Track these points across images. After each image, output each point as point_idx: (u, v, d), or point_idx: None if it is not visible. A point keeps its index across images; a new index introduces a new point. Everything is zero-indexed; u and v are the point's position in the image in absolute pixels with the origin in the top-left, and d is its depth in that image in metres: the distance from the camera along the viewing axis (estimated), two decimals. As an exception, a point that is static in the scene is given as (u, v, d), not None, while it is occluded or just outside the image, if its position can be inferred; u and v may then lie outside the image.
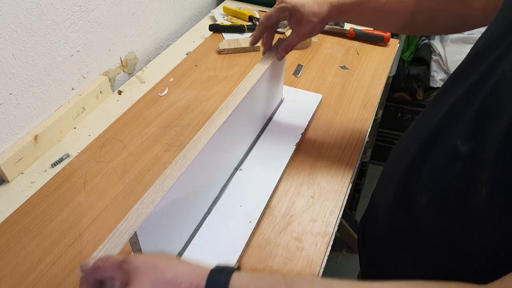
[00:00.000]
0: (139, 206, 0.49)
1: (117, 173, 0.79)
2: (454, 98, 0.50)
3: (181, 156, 0.56)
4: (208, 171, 0.65)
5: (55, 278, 0.63)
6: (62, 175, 0.79)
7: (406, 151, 0.58)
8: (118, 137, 0.87)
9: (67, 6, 0.84)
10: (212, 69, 1.08)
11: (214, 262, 0.63)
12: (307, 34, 0.72)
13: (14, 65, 0.76)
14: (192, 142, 0.58)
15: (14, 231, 0.69)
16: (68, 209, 0.73)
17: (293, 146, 0.82)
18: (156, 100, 0.98)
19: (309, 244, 0.67)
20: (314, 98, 0.95)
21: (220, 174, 0.73)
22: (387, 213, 0.62)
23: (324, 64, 1.09)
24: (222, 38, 1.21)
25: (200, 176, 0.62)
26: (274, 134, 0.85)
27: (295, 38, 0.74)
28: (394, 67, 1.54)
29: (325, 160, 0.81)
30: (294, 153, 0.82)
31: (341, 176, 0.78)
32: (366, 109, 0.94)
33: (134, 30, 1.08)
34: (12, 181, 0.79)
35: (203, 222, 0.68)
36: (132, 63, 1.11)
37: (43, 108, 0.86)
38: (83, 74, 0.94)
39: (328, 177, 0.78)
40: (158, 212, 0.51)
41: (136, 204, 0.50)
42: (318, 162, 0.81)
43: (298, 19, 0.70)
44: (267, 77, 0.78)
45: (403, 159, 0.57)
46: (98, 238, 0.68)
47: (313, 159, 0.82)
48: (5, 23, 0.72)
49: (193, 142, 0.58)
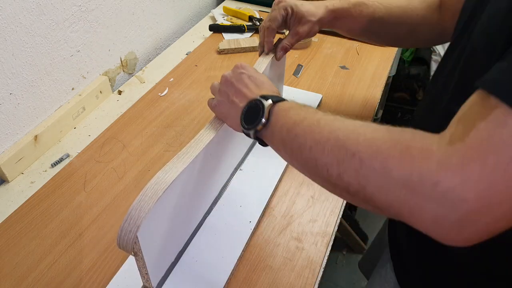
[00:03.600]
0: (141, 198, 0.48)
1: (117, 173, 0.79)
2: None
3: (183, 152, 0.55)
4: (209, 170, 0.65)
5: (55, 278, 0.63)
6: (62, 175, 0.79)
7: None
8: (118, 137, 0.87)
9: (67, 6, 0.84)
10: (212, 69, 1.08)
11: (214, 262, 0.63)
12: (305, 33, 0.73)
13: (14, 65, 0.76)
14: (194, 141, 0.58)
15: (14, 231, 0.69)
16: (68, 209, 0.73)
17: (293, 146, 0.82)
18: (156, 100, 0.98)
19: (309, 244, 0.67)
20: (314, 98, 0.95)
21: (220, 174, 0.72)
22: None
23: (324, 64, 1.09)
24: (222, 38, 1.21)
25: (201, 175, 0.62)
26: (274, 134, 0.85)
27: (294, 37, 0.74)
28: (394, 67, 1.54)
29: (325, 160, 0.81)
30: (294, 153, 0.82)
31: (341, 176, 0.78)
32: (366, 109, 0.94)
33: (134, 30, 1.08)
34: (12, 181, 0.79)
35: (203, 222, 0.68)
36: (132, 63, 1.11)
37: (43, 108, 0.86)
38: (83, 74, 0.94)
39: (328, 177, 0.78)
40: (158, 212, 0.51)
41: (138, 196, 0.48)
42: (318, 162, 0.81)
43: (297, 18, 0.72)
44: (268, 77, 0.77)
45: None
46: (98, 238, 0.68)
47: (313, 159, 0.81)
48: (5, 23, 0.72)
49: (194, 141, 0.58)
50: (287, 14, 0.73)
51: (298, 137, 0.46)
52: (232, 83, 0.58)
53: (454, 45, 0.57)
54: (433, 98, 0.61)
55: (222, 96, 0.59)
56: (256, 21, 1.24)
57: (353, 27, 0.76)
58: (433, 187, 0.33)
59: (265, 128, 0.51)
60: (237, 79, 0.58)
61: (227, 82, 0.59)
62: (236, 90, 0.57)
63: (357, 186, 0.39)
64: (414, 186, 0.35)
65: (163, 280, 0.60)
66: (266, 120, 0.51)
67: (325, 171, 0.42)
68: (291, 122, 0.48)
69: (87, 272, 0.63)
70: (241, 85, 0.57)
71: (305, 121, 0.47)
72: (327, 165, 0.42)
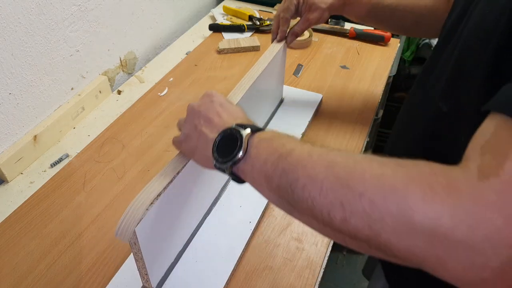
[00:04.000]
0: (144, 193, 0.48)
1: (116, 173, 0.79)
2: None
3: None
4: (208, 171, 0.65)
5: (55, 278, 0.62)
6: (62, 175, 0.79)
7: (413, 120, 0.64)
8: (118, 137, 0.87)
9: (66, 6, 0.83)
10: (212, 69, 1.08)
11: (214, 262, 0.63)
12: (315, 19, 0.77)
13: (14, 65, 0.76)
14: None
15: (13, 231, 0.69)
16: (67, 209, 0.72)
17: (293, 146, 0.82)
18: (156, 100, 0.97)
19: (309, 244, 0.67)
20: (314, 98, 0.95)
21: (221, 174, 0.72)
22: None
23: (325, 64, 1.09)
24: (222, 38, 1.20)
25: (201, 175, 0.62)
26: (274, 134, 0.85)
27: (304, 23, 0.78)
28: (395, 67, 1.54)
29: (325, 160, 0.81)
30: (294, 153, 0.82)
31: (342, 176, 0.78)
32: (366, 109, 0.94)
33: (134, 29, 1.08)
34: (11, 181, 0.79)
35: (203, 222, 0.68)
36: (131, 62, 1.10)
37: (43, 108, 0.86)
38: (82, 74, 0.94)
39: (328, 177, 0.78)
40: (158, 211, 0.51)
41: (140, 192, 0.49)
42: (318, 162, 0.81)
43: (308, 5, 0.76)
44: (268, 77, 0.78)
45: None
46: (97, 238, 0.68)
47: (313, 159, 0.81)
48: (4, 23, 0.72)
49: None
50: (298, 2, 0.77)
51: (286, 173, 0.39)
52: (200, 112, 0.50)
53: (447, 39, 0.55)
54: (420, 96, 0.61)
55: (189, 128, 0.51)
56: (256, 21, 1.24)
57: (360, 13, 0.78)
58: (469, 230, 0.28)
59: (243, 161, 0.44)
60: (206, 107, 0.51)
61: (194, 112, 0.51)
62: (205, 119, 0.49)
63: (368, 232, 0.33)
64: (443, 231, 0.29)
65: (163, 280, 0.60)
66: (244, 152, 0.44)
67: (326, 214, 0.35)
68: (276, 155, 0.41)
69: (86, 272, 0.63)
70: (212, 114, 0.49)
71: (294, 154, 0.40)
72: (327, 207, 0.35)
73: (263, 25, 1.23)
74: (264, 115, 0.86)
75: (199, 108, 0.51)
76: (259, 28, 1.23)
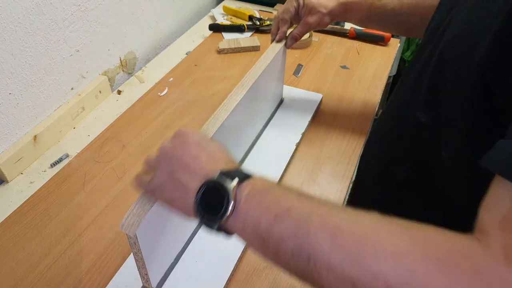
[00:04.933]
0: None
1: (116, 173, 0.79)
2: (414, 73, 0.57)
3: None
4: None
5: (55, 278, 0.62)
6: (62, 175, 0.79)
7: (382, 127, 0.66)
8: (118, 137, 0.87)
9: (66, 6, 0.83)
10: (212, 69, 1.08)
11: (214, 262, 0.63)
12: (315, 23, 0.76)
13: (14, 65, 0.76)
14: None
15: (13, 231, 0.69)
16: (67, 209, 0.72)
17: (293, 146, 0.82)
18: (156, 100, 0.97)
19: (310, 244, 0.67)
20: (314, 98, 0.95)
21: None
22: (371, 190, 0.68)
23: (324, 64, 1.09)
24: (222, 38, 1.20)
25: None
26: (274, 133, 0.85)
27: (304, 27, 0.78)
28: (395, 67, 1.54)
29: (325, 159, 0.81)
30: (295, 153, 0.82)
31: (342, 176, 0.78)
32: (366, 108, 0.94)
33: (134, 29, 1.08)
34: (11, 181, 0.79)
35: (203, 222, 0.68)
36: (131, 62, 1.10)
37: (43, 108, 0.86)
38: (82, 74, 0.94)
39: (329, 176, 0.78)
40: (158, 211, 0.51)
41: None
42: (319, 161, 0.81)
43: (308, 8, 0.76)
44: (268, 76, 0.78)
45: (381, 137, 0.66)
46: (97, 238, 0.68)
47: (313, 159, 0.81)
48: (4, 23, 0.71)
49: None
50: (298, 5, 0.77)
51: (284, 241, 0.35)
52: (174, 156, 0.44)
53: (425, 44, 0.55)
54: (399, 103, 0.61)
55: (162, 176, 0.44)
56: (256, 21, 1.24)
57: (364, 19, 0.78)
58: None
59: (232, 217, 0.39)
60: (181, 151, 0.44)
61: (166, 156, 0.44)
62: (181, 165, 0.43)
63: None
64: None
65: (163, 280, 0.60)
66: (233, 207, 0.38)
67: None
68: (271, 216, 0.36)
69: (86, 272, 0.63)
70: (188, 158, 0.43)
71: (292, 215, 0.36)
72: (336, 283, 0.32)
73: (263, 25, 1.23)
74: (264, 115, 0.86)
75: (172, 151, 0.44)
76: (259, 28, 1.23)
